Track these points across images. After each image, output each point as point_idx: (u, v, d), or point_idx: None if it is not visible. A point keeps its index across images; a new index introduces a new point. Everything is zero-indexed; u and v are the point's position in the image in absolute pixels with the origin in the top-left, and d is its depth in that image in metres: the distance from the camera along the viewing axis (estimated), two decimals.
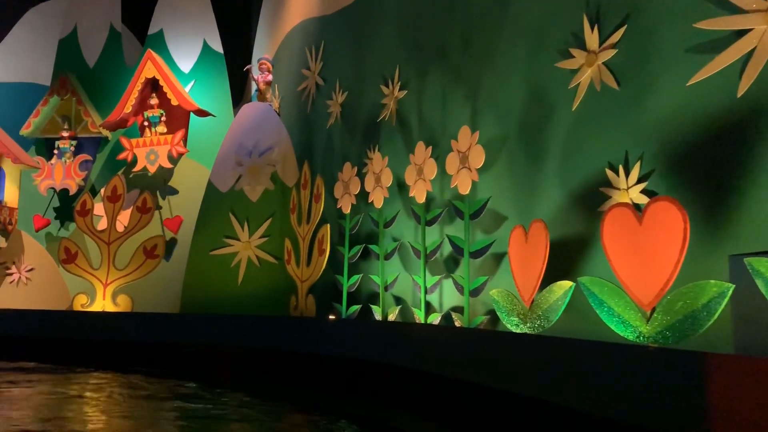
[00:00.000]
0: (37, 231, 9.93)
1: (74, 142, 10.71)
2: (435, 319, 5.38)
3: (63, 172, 10.49)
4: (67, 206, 10.41)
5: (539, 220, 4.14)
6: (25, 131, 10.72)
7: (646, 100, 3.81)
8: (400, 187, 6.12)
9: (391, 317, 5.93)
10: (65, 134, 10.67)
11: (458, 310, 5.21)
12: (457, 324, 5.08)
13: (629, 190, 3.80)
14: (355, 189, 6.53)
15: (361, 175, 6.54)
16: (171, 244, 9.42)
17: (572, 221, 4.18)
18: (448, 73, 5.64)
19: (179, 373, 7.59)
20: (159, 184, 9.85)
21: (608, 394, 3.10)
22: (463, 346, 4.53)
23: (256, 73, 8.89)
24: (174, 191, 9.88)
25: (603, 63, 4.06)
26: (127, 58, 11.23)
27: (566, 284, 3.86)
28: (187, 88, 10.64)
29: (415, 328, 5.41)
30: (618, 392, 3.04)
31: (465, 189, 4.98)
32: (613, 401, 3.06)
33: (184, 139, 9.83)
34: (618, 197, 3.85)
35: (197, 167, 9.82)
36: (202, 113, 9.78)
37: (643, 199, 3.67)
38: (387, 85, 6.51)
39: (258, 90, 8.81)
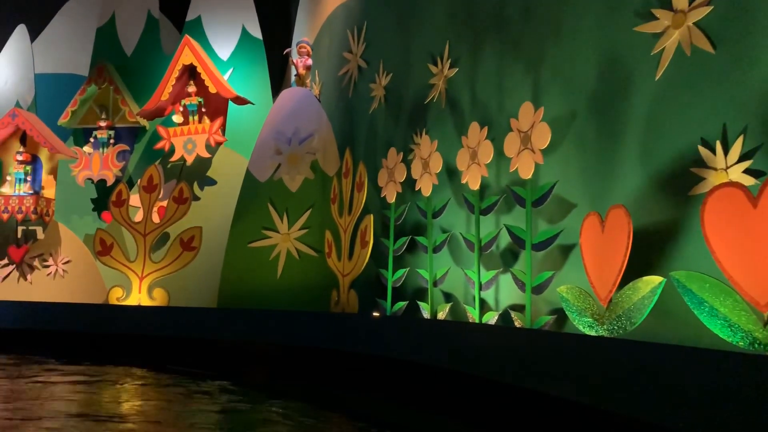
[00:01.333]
0: (108, 223, 9.57)
1: (112, 132, 10.48)
2: (491, 318, 4.86)
3: (100, 163, 10.28)
4: (104, 197, 10.18)
5: (619, 206, 3.59)
6: (62, 121, 10.53)
7: (751, 63, 3.22)
8: (451, 173, 5.61)
9: (441, 315, 5.43)
10: (103, 124, 10.45)
11: (518, 308, 4.68)
12: (518, 324, 4.55)
13: (728, 170, 3.22)
14: (401, 176, 6.05)
15: (407, 162, 6.06)
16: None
17: (656, 207, 3.62)
18: (506, 45, 5.09)
19: (215, 370, 7.25)
20: (197, 174, 9.51)
21: (714, 414, 2.55)
22: (527, 349, 4.01)
23: (295, 56, 8.47)
24: (212, 182, 9.55)
25: (694, 23, 3.48)
26: (165, 46, 10.97)
27: (654, 280, 3.30)
28: (226, 76, 10.32)
29: (469, 327, 4.90)
30: (730, 414, 2.48)
31: (527, 173, 4.44)
32: (722, 424, 2.51)
33: (223, 128, 9.49)
34: (714, 178, 3.27)
35: (236, 157, 9.46)
36: (240, 101, 9.43)
37: (747, 180, 3.09)
38: (435, 64, 5.99)
39: (297, 75, 8.40)
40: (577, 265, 4.10)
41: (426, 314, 5.59)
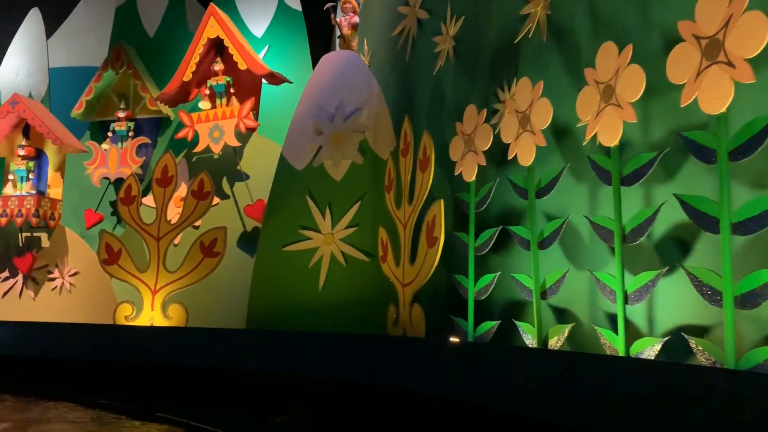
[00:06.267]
0: (88, 228, 8.30)
1: (131, 124, 9.09)
2: (646, 348, 3.02)
3: (118, 159, 8.87)
4: None
5: None
6: (76, 112, 9.16)
7: None
8: (561, 132, 3.84)
9: (554, 342, 3.63)
10: (121, 115, 9.06)
11: (700, 332, 2.85)
12: (704, 360, 2.71)
13: None
14: (485, 143, 4.30)
15: (492, 125, 4.33)
16: (256, 235, 7.52)
17: None
18: None
19: (240, 408, 5.63)
20: (228, 168, 7.99)
21: None
22: (733, 408, 2.19)
23: (339, 15, 6.88)
24: (244, 176, 7.99)
25: None
26: (192, 25, 9.51)
27: None
28: (261, 55, 8.84)
29: (607, 363, 3.10)
30: None
31: (717, 105, 2.63)
32: None
33: (255, 111, 7.95)
34: None
35: (270, 145, 7.90)
36: (275, 79, 7.88)
37: None
38: None
39: (341, 36, 6.78)
40: None
41: (530, 341, 3.80)
